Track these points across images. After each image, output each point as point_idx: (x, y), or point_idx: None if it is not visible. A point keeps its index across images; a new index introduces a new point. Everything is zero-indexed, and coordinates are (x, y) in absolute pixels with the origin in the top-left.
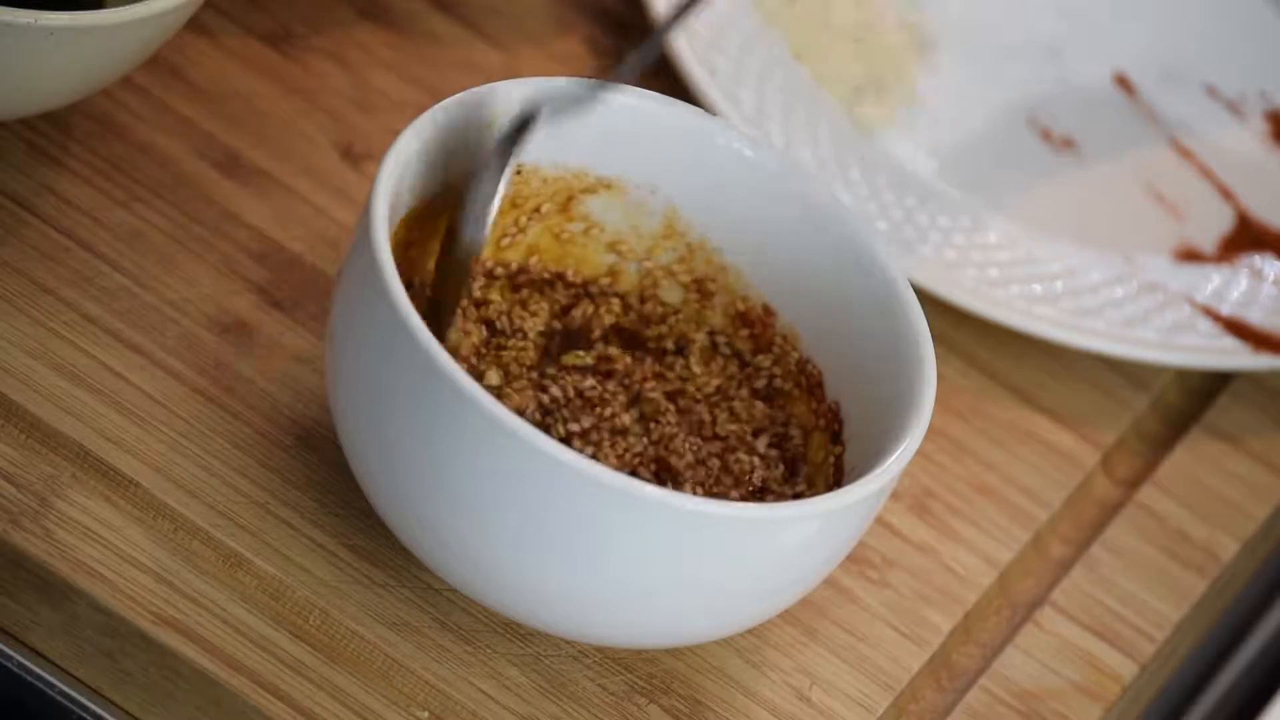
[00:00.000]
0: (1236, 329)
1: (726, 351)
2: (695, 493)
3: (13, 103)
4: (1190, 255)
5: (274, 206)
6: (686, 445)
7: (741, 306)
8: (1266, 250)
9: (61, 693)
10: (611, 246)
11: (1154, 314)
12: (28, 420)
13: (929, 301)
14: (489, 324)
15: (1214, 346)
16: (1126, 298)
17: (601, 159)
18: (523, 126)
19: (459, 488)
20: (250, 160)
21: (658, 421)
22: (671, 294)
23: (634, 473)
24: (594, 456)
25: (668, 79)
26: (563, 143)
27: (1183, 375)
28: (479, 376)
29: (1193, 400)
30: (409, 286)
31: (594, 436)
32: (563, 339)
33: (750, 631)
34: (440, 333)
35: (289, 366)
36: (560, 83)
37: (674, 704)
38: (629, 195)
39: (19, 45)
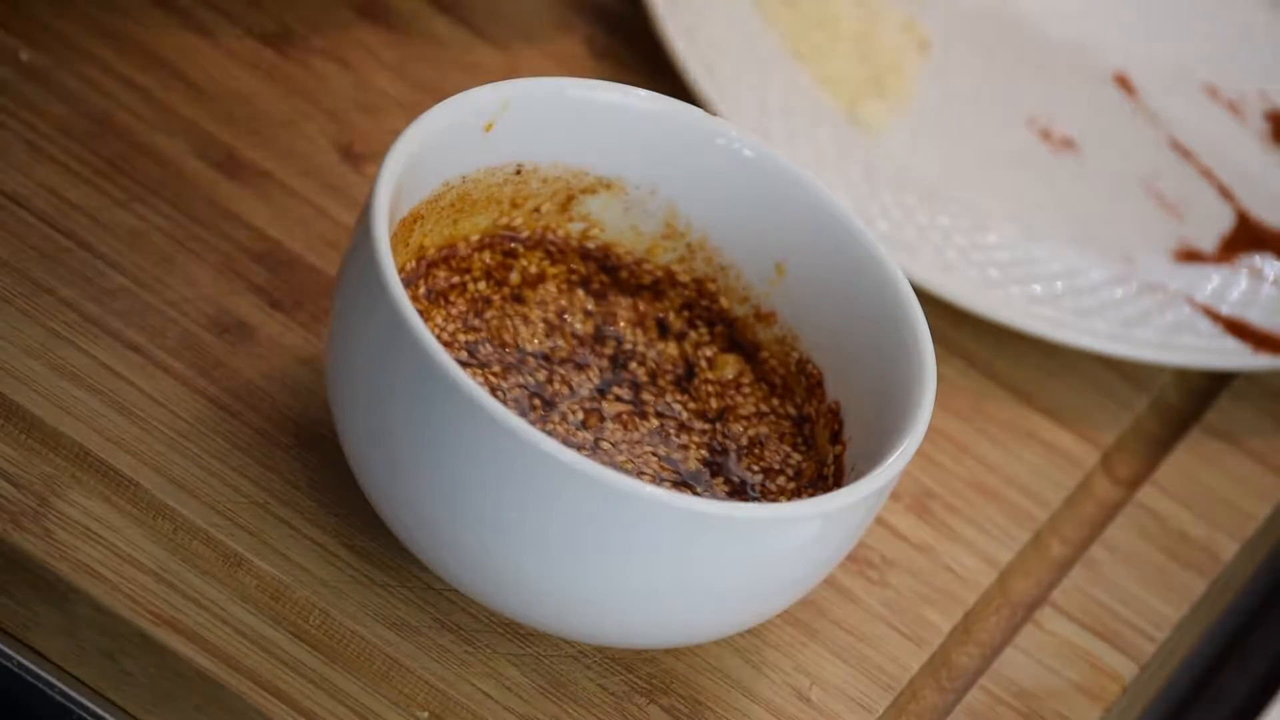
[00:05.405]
0: (1236, 329)
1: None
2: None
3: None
4: (1190, 255)
5: (274, 206)
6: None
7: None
8: (1266, 250)
9: (61, 693)
10: (610, 247)
11: (1154, 314)
12: (28, 420)
13: (929, 301)
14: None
15: (1214, 346)
16: (1126, 298)
17: (601, 159)
18: None
19: (459, 488)
20: (250, 160)
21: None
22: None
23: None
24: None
25: (668, 79)
26: (563, 142)
27: (1183, 375)
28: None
29: (1193, 400)
30: (409, 287)
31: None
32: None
33: (750, 631)
34: None
35: (289, 366)
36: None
37: (674, 704)
38: (629, 195)
39: None
